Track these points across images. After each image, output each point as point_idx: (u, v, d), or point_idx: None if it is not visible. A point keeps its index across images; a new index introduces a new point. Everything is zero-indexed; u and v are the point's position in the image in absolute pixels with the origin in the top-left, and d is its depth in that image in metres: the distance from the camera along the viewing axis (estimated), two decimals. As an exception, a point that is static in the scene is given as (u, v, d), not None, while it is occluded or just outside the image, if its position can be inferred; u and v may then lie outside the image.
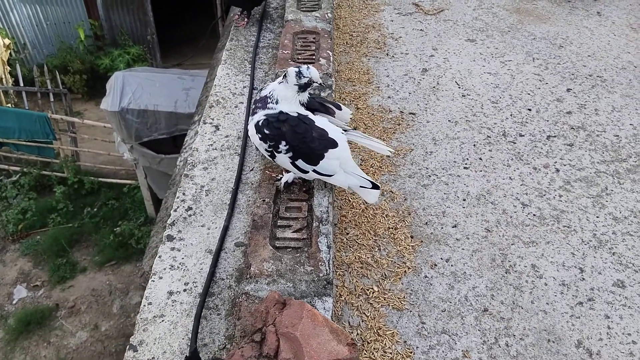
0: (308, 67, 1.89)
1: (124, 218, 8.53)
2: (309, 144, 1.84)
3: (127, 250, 8.03)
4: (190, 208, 2.12)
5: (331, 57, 2.77)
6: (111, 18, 11.14)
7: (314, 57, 2.76)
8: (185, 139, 3.46)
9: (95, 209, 8.63)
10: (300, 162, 1.86)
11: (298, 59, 2.73)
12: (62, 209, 8.47)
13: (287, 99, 1.89)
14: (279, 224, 1.86)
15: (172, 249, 1.95)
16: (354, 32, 3.51)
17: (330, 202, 1.95)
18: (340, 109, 2.10)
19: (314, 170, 1.87)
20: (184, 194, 2.19)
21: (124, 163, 8.76)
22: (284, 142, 1.84)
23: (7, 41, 10.29)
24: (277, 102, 1.90)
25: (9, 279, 7.79)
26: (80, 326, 7.21)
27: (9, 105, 9.84)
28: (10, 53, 10.44)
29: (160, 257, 1.92)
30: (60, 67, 10.39)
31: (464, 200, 2.28)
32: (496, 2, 4.01)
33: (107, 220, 8.45)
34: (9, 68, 10.32)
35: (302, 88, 1.88)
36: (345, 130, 2.02)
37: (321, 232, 1.80)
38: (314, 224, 1.83)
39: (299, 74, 1.86)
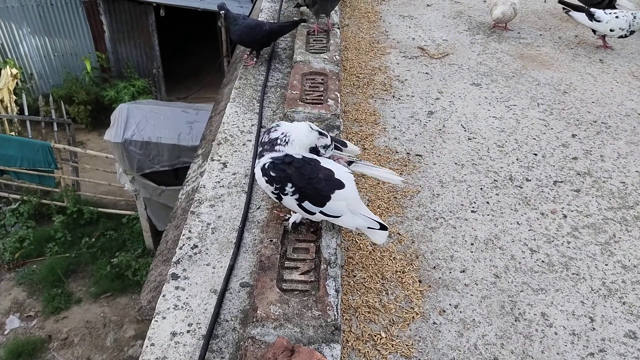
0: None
1: (121, 249, 8.46)
2: (315, 186, 1.84)
3: (123, 282, 7.92)
4: (195, 246, 2.09)
5: (339, 98, 2.80)
6: (118, 51, 11.36)
7: (322, 98, 2.79)
8: (188, 172, 3.47)
9: (93, 239, 8.57)
10: (306, 204, 1.86)
11: (306, 99, 2.76)
12: (60, 239, 8.41)
13: (301, 143, 1.91)
14: (286, 265, 1.84)
15: (177, 288, 1.91)
16: (361, 74, 3.57)
17: (338, 243, 1.93)
18: (345, 145, 2.11)
19: (321, 212, 1.86)
20: (190, 231, 2.17)
21: (124, 194, 8.76)
22: (290, 184, 1.85)
23: (14, 71, 10.45)
24: (286, 144, 1.91)
25: (2, 308, 7.66)
26: (72, 359, 7.04)
27: (13, 133, 9.91)
28: (17, 82, 10.59)
29: (164, 296, 1.89)
30: (65, 98, 10.52)
31: (472, 244, 2.26)
32: (500, 48, 4.10)
33: (104, 251, 8.38)
34: (14, 97, 10.44)
35: (313, 150, 1.95)
36: (352, 162, 2.03)
37: (329, 275, 1.77)
38: (322, 266, 1.81)
39: (326, 147, 1.95)
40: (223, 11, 3.13)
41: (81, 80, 11.20)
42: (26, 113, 9.89)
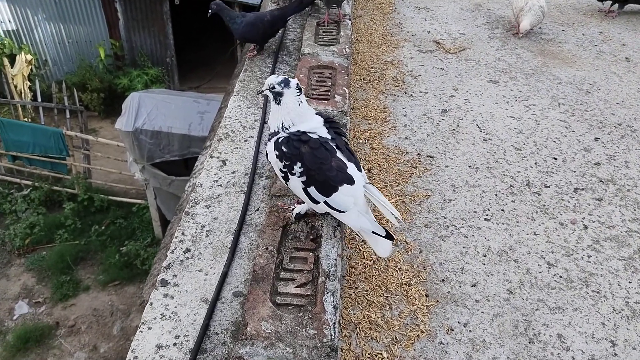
0: (277, 76, 1.81)
1: (130, 238, 8.45)
2: (325, 172, 1.73)
3: (131, 271, 7.92)
4: (188, 250, 1.98)
5: (347, 94, 2.65)
6: (132, 39, 11.28)
7: (329, 93, 2.64)
8: (196, 164, 3.36)
9: (102, 227, 8.57)
10: (312, 190, 1.75)
11: (312, 94, 2.62)
12: (70, 226, 8.42)
13: (301, 114, 1.79)
14: (281, 276, 1.71)
15: (165, 295, 1.80)
16: (372, 68, 3.41)
17: (339, 253, 1.79)
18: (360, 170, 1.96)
19: (326, 202, 1.75)
20: (183, 233, 2.05)
21: (135, 182, 8.73)
22: (299, 164, 1.73)
23: (29, 57, 10.44)
24: (293, 124, 1.78)
25: (11, 293, 7.70)
26: (79, 346, 7.06)
27: (26, 119, 9.92)
28: (31, 68, 10.58)
29: (151, 304, 1.77)
30: (78, 85, 10.49)
31: (485, 256, 2.10)
32: (520, 43, 3.90)
33: (113, 239, 8.38)
34: (29, 83, 10.44)
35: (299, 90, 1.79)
36: None
37: (327, 289, 1.64)
38: (320, 279, 1.67)
39: (286, 81, 1.77)
40: (211, 11, 3.00)
41: (95, 67, 11.15)
42: (39, 99, 9.88)
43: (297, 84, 1.80)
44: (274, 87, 1.76)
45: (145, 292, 2.99)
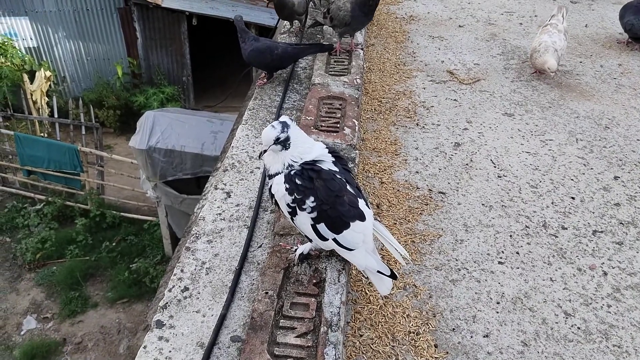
0: (272, 127, 1.69)
1: (141, 255, 8.44)
2: (338, 207, 1.66)
3: (140, 289, 7.89)
4: (186, 288, 1.91)
5: (357, 127, 2.59)
6: (150, 58, 11.43)
7: (338, 125, 2.59)
8: (206, 185, 3.31)
9: (113, 244, 8.57)
10: (321, 227, 1.67)
11: (321, 126, 2.56)
12: (82, 241, 8.46)
13: (308, 143, 1.74)
14: (281, 324, 1.63)
15: (160, 338, 1.73)
16: (384, 98, 3.34)
17: (343, 300, 1.71)
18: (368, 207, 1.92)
19: (335, 240, 1.68)
20: (182, 270, 1.99)
21: (147, 200, 8.75)
22: (312, 198, 1.65)
23: (48, 73, 10.62)
24: (301, 158, 1.72)
25: (20, 308, 7.71)
26: (84, 364, 7.01)
27: (43, 134, 10.05)
28: (50, 85, 10.77)
29: (145, 347, 1.70)
30: (95, 102, 10.65)
31: (498, 303, 2.00)
32: (536, 75, 3.81)
33: (124, 256, 8.38)
34: (47, 99, 10.61)
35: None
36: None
37: (329, 341, 1.55)
38: (322, 329, 1.59)
39: (284, 124, 1.68)
40: (234, 21, 3.03)
41: (112, 85, 11.32)
42: (56, 115, 10.02)
43: (291, 118, 1.74)
44: (278, 139, 1.67)
45: (149, 316, 2.92)
